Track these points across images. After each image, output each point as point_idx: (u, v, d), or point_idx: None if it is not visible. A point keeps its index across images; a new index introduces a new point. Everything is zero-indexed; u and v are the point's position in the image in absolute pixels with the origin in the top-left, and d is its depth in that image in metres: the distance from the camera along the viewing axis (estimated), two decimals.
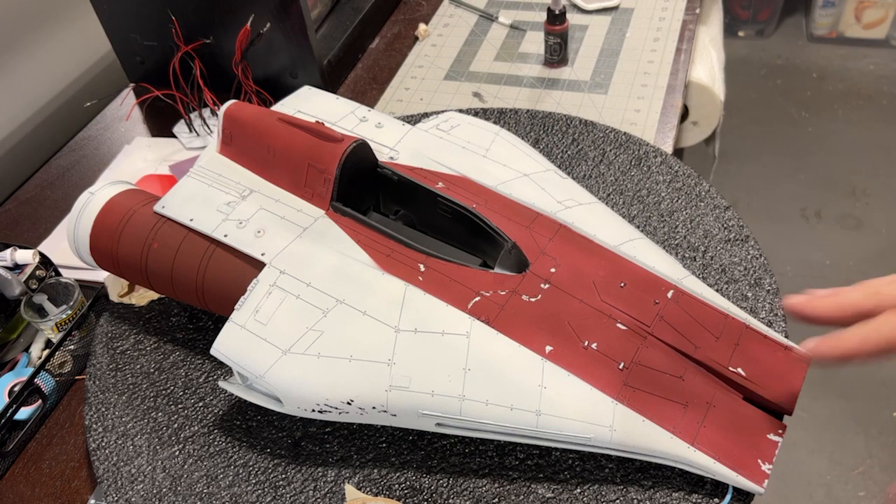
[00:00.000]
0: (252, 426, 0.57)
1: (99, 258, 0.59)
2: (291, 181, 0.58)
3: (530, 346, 0.50)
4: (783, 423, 0.49)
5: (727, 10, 2.41)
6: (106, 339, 0.64)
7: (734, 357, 0.51)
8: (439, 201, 0.58)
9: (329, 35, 0.98)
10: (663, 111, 0.86)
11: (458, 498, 0.51)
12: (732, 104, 1.29)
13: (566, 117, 0.78)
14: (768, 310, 0.58)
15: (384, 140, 0.63)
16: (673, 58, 0.94)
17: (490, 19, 1.06)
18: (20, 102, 0.97)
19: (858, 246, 1.80)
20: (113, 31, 0.96)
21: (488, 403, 0.48)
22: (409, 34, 1.06)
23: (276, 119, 0.59)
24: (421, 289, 0.52)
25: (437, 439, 0.54)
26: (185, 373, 0.61)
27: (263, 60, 0.90)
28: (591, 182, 0.71)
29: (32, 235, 0.83)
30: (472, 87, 0.94)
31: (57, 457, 0.61)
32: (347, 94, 0.95)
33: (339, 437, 0.55)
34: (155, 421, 0.58)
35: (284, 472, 0.54)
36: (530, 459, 0.52)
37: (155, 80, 0.94)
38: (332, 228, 0.56)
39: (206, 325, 0.64)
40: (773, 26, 2.48)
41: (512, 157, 0.63)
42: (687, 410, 0.48)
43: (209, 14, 0.88)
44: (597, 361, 0.50)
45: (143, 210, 0.58)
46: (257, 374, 0.49)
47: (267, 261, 0.53)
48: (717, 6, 1.28)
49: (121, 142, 0.94)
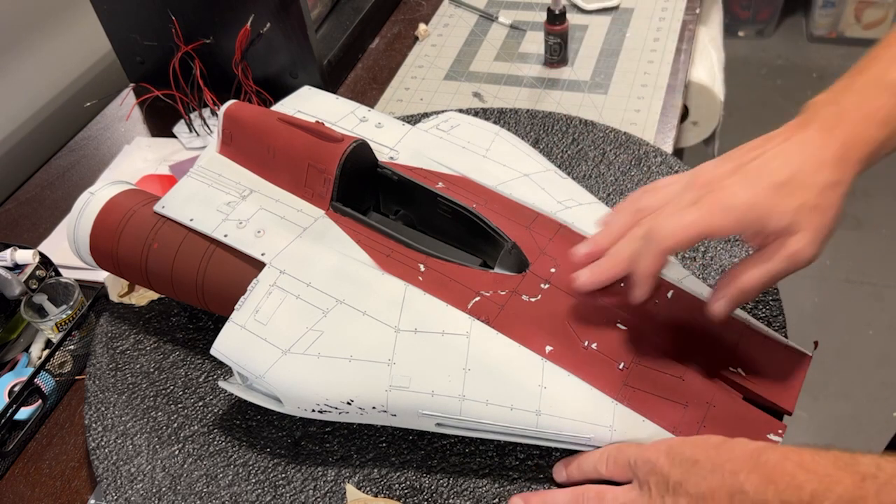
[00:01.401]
0: (252, 426, 0.57)
1: (99, 258, 0.59)
2: (291, 181, 0.58)
3: (530, 346, 0.50)
4: (783, 423, 0.49)
5: (727, 10, 2.40)
6: (106, 338, 0.64)
7: (734, 357, 0.51)
8: (439, 201, 0.58)
9: (329, 35, 0.98)
10: (663, 111, 0.86)
11: (458, 498, 0.51)
12: (732, 104, 1.29)
13: (566, 117, 0.78)
14: (768, 311, 0.58)
15: (384, 140, 0.63)
16: (673, 58, 0.94)
17: (490, 19, 1.06)
18: (20, 102, 0.97)
19: (858, 246, 1.80)
20: (113, 31, 0.96)
21: (488, 403, 0.48)
22: (409, 34, 1.06)
23: (276, 119, 0.59)
24: (421, 289, 0.52)
25: (437, 439, 0.54)
26: (185, 372, 0.61)
27: (263, 60, 0.90)
28: (591, 182, 0.71)
29: (32, 235, 0.83)
30: (472, 87, 0.94)
31: (57, 457, 0.61)
32: (347, 94, 0.95)
33: (339, 437, 0.55)
34: (155, 420, 0.58)
35: (284, 472, 0.54)
36: (530, 459, 0.52)
37: (155, 80, 0.94)
38: (332, 228, 0.56)
39: (206, 325, 0.64)
40: (773, 26, 2.48)
41: (512, 157, 0.63)
42: (687, 410, 0.48)
43: (209, 14, 0.88)
44: (597, 361, 0.50)
45: (143, 210, 0.58)
46: (257, 374, 0.49)
47: (267, 261, 0.53)
48: (717, 6, 1.28)
49: (121, 142, 0.94)
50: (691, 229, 0.44)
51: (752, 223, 0.44)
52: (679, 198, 0.46)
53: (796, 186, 0.43)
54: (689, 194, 0.46)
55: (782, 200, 0.43)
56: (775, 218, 0.43)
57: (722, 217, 0.44)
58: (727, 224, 0.44)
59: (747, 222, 0.44)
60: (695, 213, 0.44)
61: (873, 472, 0.35)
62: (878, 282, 1.74)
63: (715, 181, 0.45)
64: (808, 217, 0.43)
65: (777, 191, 0.43)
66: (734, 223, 0.44)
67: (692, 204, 0.45)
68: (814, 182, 0.43)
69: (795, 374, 0.51)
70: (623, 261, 0.48)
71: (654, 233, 0.45)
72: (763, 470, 0.38)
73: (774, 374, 0.51)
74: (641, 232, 0.47)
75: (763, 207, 0.43)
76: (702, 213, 0.44)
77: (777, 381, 0.50)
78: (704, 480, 0.40)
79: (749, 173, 0.44)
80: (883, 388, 1.51)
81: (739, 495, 0.38)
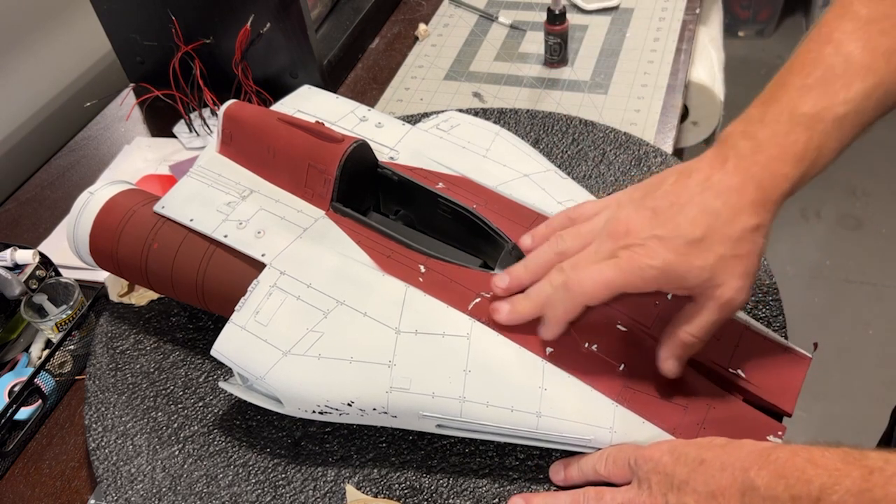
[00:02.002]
0: (252, 426, 0.57)
1: (99, 258, 0.59)
2: (291, 181, 0.58)
3: (531, 348, 0.50)
4: (783, 425, 0.49)
5: (727, 10, 2.40)
6: (106, 338, 0.64)
7: (734, 358, 0.51)
8: (439, 201, 0.58)
9: (329, 35, 0.98)
10: (663, 111, 0.86)
11: (458, 498, 0.51)
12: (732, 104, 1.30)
13: (566, 117, 0.78)
14: (768, 311, 0.58)
15: (384, 140, 0.63)
16: (673, 58, 0.94)
17: (490, 19, 1.06)
18: (20, 102, 0.97)
19: (858, 246, 1.80)
20: (113, 31, 0.96)
21: (489, 405, 0.48)
22: (409, 34, 1.06)
23: (276, 119, 0.59)
24: (421, 290, 0.52)
25: (437, 439, 0.54)
26: (185, 373, 0.61)
27: (263, 60, 0.90)
28: (591, 182, 0.71)
29: (32, 235, 0.83)
30: (472, 87, 0.94)
31: (57, 457, 0.61)
32: (347, 94, 0.95)
33: (339, 437, 0.55)
34: (155, 420, 0.58)
35: (284, 472, 0.54)
36: (531, 460, 0.52)
37: (155, 80, 0.94)
38: (333, 229, 0.56)
39: (206, 325, 0.64)
40: (773, 26, 2.48)
41: (512, 157, 0.63)
42: (686, 412, 0.48)
43: (209, 14, 0.88)
44: (597, 363, 0.50)
45: (143, 210, 0.58)
46: (258, 375, 0.49)
47: (267, 261, 0.53)
48: (717, 6, 1.28)
49: (121, 142, 0.94)
50: (609, 287, 0.45)
51: (670, 282, 0.45)
52: (598, 245, 0.47)
53: (713, 242, 0.44)
54: (608, 244, 0.47)
55: (699, 257, 0.44)
56: (693, 275, 0.44)
57: (639, 278, 0.45)
58: (644, 285, 0.45)
59: (665, 281, 0.45)
60: (612, 270, 0.45)
61: (881, 465, 0.36)
62: (878, 282, 1.74)
63: (633, 233, 0.46)
64: (728, 268, 0.44)
65: (693, 248, 0.44)
66: (652, 283, 0.45)
67: (610, 257, 0.46)
68: (731, 233, 0.44)
69: (795, 376, 0.51)
70: (540, 304, 0.49)
71: (571, 284, 0.46)
72: (773, 466, 0.39)
73: (774, 375, 0.51)
74: (560, 280, 0.48)
75: (681, 268, 0.44)
76: (619, 272, 0.45)
77: (777, 382, 0.50)
78: (713, 478, 0.40)
79: (666, 227, 0.45)
80: (883, 388, 1.51)
81: (750, 492, 0.39)
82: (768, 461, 0.39)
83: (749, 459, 0.40)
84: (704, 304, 0.45)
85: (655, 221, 0.45)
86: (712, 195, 0.44)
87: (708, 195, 0.45)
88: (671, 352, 0.47)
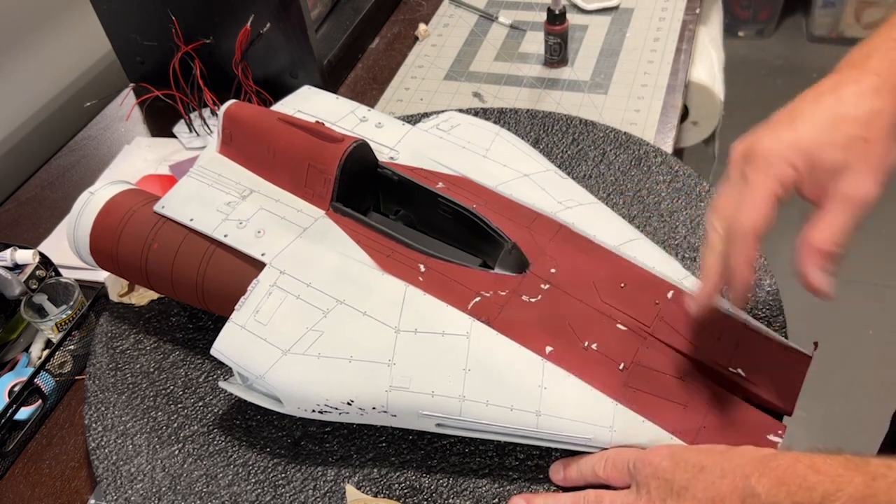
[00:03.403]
0: (252, 425, 0.57)
1: (99, 258, 0.59)
2: (291, 181, 0.58)
3: (530, 347, 0.50)
4: (783, 424, 0.49)
5: (727, 10, 2.40)
6: (106, 338, 0.64)
7: (734, 358, 0.51)
8: (439, 201, 0.58)
9: (329, 35, 0.98)
10: (663, 111, 0.86)
11: (458, 498, 0.51)
12: (732, 104, 1.29)
13: (566, 117, 0.78)
14: (768, 311, 0.58)
15: (384, 140, 0.63)
16: (673, 58, 0.94)
17: (490, 19, 1.06)
18: (20, 102, 0.97)
19: (858, 246, 1.80)
20: (113, 31, 0.96)
21: (488, 404, 0.48)
22: (409, 34, 1.06)
23: (276, 119, 0.59)
24: (421, 289, 0.52)
25: (437, 439, 0.54)
26: (185, 372, 0.61)
27: (263, 60, 0.90)
28: (591, 182, 0.71)
29: (32, 235, 0.83)
30: (472, 87, 0.94)
31: (57, 457, 0.61)
32: (347, 94, 0.95)
33: (339, 437, 0.55)
34: (154, 420, 0.58)
35: (284, 472, 0.54)
36: (530, 460, 0.52)
37: (155, 80, 0.94)
38: (333, 229, 0.56)
39: (206, 324, 0.64)
40: (773, 26, 2.48)
41: (512, 157, 0.63)
42: (687, 411, 0.48)
43: (209, 14, 0.88)
44: (597, 362, 0.50)
45: (143, 210, 0.58)
46: (257, 374, 0.49)
47: (267, 261, 0.53)
48: (717, 6, 1.28)
49: (121, 142, 0.94)
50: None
51: (805, 164, 0.44)
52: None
53: (843, 123, 0.43)
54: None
55: (830, 136, 0.43)
56: (828, 155, 0.43)
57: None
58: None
59: (801, 163, 0.44)
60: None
61: (883, 471, 0.36)
62: (878, 282, 1.74)
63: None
64: (860, 152, 0.43)
65: (823, 130, 0.44)
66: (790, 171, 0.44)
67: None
68: (857, 114, 0.43)
69: (795, 375, 0.51)
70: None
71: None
72: (774, 473, 0.38)
73: (774, 374, 0.51)
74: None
75: (814, 145, 0.44)
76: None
77: (777, 381, 0.50)
78: (713, 485, 0.40)
79: (794, 121, 0.45)
80: (883, 388, 1.51)
81: (751, 499, 0.38)
82: (769, 468, 0.39)
83: (750, 466, 0.40)
84: (833, 202, 0.44)
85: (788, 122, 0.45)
86: (829, 89, 0.45)
87: (826, 94, 0.45)
88: (814, 262, 0.44)
